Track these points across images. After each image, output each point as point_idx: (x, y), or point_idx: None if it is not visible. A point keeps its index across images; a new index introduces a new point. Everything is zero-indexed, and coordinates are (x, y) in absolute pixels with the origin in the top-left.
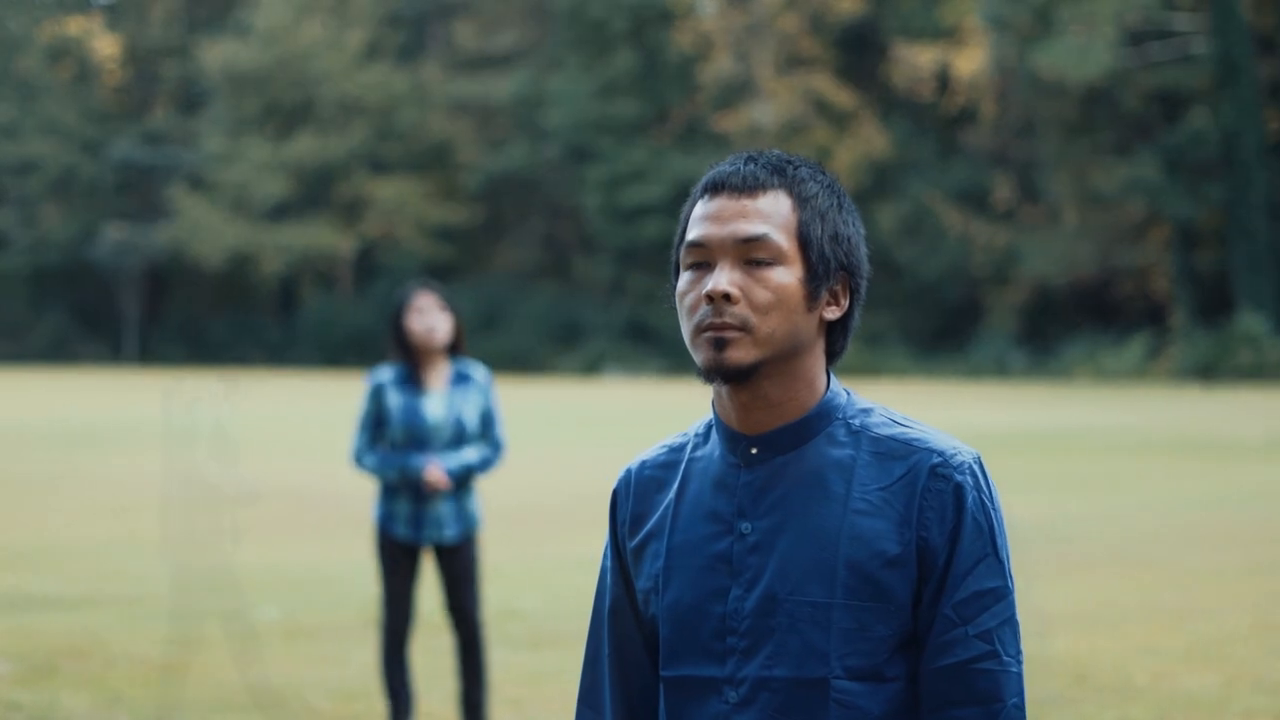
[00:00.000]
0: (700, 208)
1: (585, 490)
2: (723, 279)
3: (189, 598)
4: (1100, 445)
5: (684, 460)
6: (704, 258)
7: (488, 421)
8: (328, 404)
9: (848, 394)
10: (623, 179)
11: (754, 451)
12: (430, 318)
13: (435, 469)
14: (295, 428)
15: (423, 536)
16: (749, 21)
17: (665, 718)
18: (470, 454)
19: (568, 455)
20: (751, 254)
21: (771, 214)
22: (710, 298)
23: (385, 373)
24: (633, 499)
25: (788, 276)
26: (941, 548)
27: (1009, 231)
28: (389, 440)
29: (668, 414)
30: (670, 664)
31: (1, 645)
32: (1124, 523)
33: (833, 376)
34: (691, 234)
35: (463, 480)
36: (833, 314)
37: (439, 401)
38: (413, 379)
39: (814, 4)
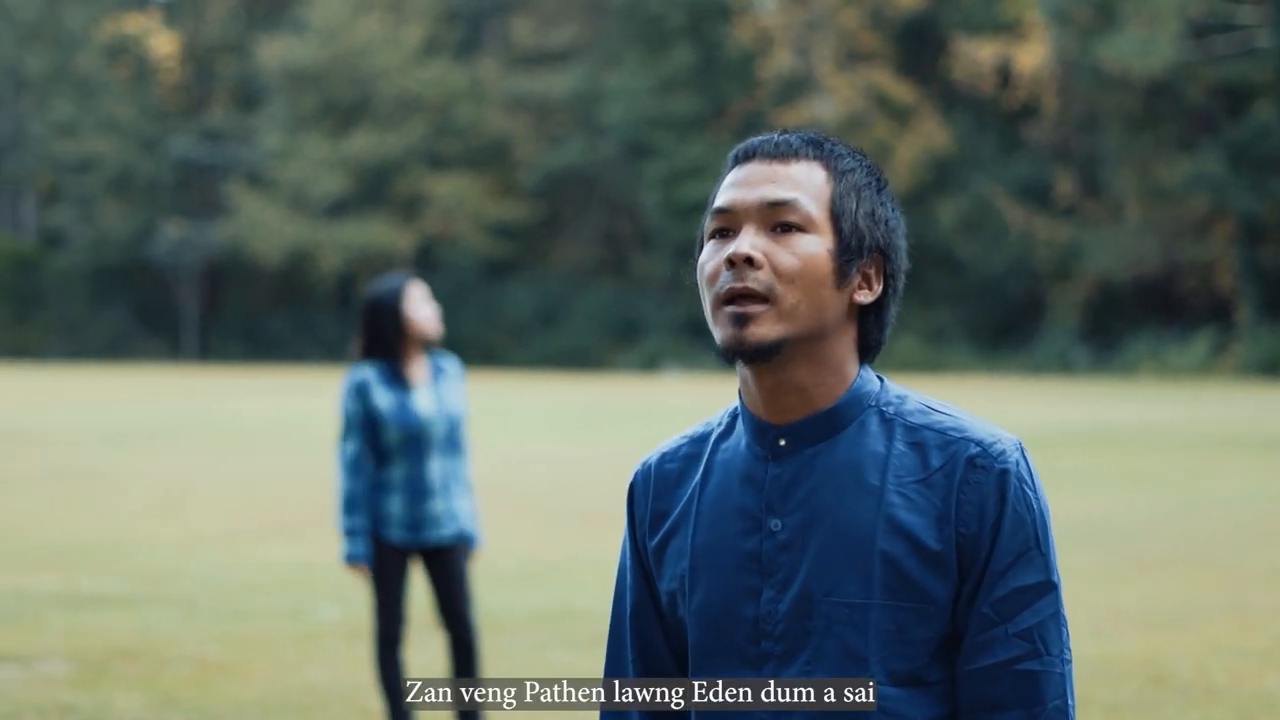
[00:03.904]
0: (730, 176)
1: None
2: (745, 243)
3: (246, 597)
4: (1166, 442)
5: (706, 452)
6: (729, 223)
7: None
8: None
9: (881, 381)
10: (681, 175)
11: (782, 443)
12: (428, 308)
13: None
14: None
15: (419, 538)
16: (808, 16)
17: None
18: (467, 518)
19: (629, 453)
20: (779, 218)
21: (803, 181)
22: (731, 262)
23: (366, 370)
24: (652, 494)
25: (816, 246)
26: (982, 544)
27: (1071, 227)
28: (384, 442)
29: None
30: (701, 669)
31: (56, 645)
32: (1196, 519)
33: (864, 365)
34: (718, 201)
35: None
36: (864, 297)
37: (427, 396)
38: (397, 375)
39: None
